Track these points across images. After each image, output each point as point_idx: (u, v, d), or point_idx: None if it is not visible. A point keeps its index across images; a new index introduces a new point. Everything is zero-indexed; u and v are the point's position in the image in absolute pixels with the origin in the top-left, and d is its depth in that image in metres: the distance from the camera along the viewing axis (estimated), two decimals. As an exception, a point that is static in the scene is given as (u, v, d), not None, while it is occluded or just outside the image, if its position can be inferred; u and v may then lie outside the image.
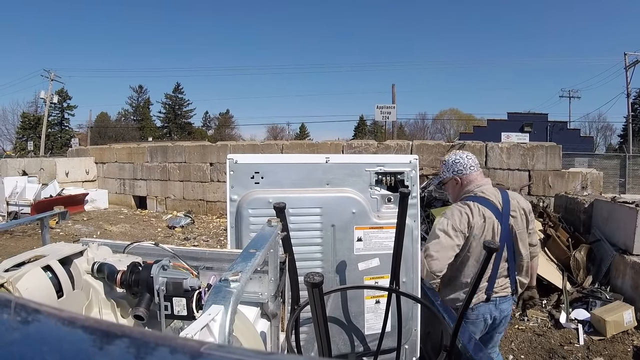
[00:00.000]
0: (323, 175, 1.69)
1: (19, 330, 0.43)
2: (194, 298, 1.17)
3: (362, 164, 1.72)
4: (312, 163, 1.70)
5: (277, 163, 1.69)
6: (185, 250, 1.75)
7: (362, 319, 1.75)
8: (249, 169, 1.65)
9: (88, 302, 1.35)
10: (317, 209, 1.66)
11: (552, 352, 3.43)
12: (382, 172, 1.72)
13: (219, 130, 52.71)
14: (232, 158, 1.66)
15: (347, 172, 1.70)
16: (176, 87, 51.59)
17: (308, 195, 1.66)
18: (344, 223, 1.67)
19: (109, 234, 7.87)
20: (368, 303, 1.74)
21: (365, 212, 1.69)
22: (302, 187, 1.67)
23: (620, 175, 17.26)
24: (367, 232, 1.69)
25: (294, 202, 1.60)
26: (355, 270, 1.71)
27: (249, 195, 1.63)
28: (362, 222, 1.69)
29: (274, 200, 1.55)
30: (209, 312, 0.70)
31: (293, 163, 1.71)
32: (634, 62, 25.25)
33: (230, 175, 1.65)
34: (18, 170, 11.84)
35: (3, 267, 1.25)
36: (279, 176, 1.66)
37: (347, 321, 1.75)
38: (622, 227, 4.47)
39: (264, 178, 1.65)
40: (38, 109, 42.20)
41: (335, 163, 1.70)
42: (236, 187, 1.65)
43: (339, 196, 1.68)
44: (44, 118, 34.34)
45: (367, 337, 1.76)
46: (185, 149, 10.57)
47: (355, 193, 1.70)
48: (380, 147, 8.65)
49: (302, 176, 1.67)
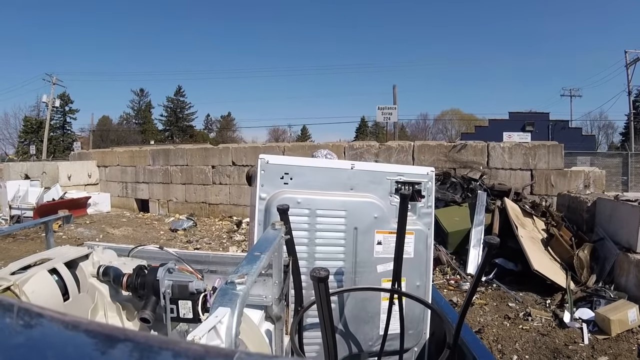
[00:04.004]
0: (347, 181, 1.77)
1: (23, 334, 0.43)
2: (200, 301, 1.17)
3: (384, 172, 1.81)
4: (338, 168, 1.79)
5: (306, 166, 1.76)
6: (189, 253, 1.76)
7: (377, 319, 1.82)
8: (279, 169, 1.72)
9: (94, 305, 1.36)
10: (343, 211, 1.73)
11: (557, 351, 3.42)
12: (401, 182, 1.80)
13: (220, 132, 52.75)
14: (264, 158, 1.72)
15: (370, 179, 1.79)
16: (177, 90, 51.70)
17: (334, 198, 1.74)
18: (366, 226, 1.74)
19: (111, 237, 7.88)
20: (384, 305, 1.79)
21: (386, 217, 1.76)
22: (328, 190, 1.75)
23: (623, 173, 17.22)
24: (387, 237, 1.76)
25: (321, 204, 1.70)
26: (373, 272, 1.77)
27: (279, 194, 1.69)
28: (382, 226, 1.76)
29: (303, 201, 1.66)
30: (216, 315, 0.70)
31: (321, 167, 1.78)
32: (634, 59, 25.19)
33: (261, 174, 1.70)
34: (20, 174, 11.88)
35: (9, 270, 1.27)
36: (307, 178, 1.73)
37: (363, 322, 1.80)
38: (625, 226, 4.46)
39: (292, 179, 1.72)
40: (40, 113, 42.38)
41: (359, 170, 1.78)
42: (266, 185, 1.71)
43: (362, 201, 1.75)
44: (46, 122, 34.48)
45: (381, 337, 1.81)
46: (187, 151, 10.58)
47: (376, 199, 1.77)
48: (381, 148, 8.64)
49: (328, 180, 1.75)
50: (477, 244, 5.46)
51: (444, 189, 6.67)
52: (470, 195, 6.32)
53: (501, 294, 4.63)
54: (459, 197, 6.38)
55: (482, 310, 4.26)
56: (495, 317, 4.09)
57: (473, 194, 6.24)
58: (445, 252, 5.57)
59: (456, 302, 4.38)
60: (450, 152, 8.17)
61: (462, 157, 8.08)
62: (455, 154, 8.14)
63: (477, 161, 7.96)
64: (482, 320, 4.03)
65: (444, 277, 5.24)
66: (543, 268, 4.59)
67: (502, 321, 4.01)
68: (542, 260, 4.76)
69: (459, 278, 5.12)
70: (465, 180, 6.84)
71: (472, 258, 5.37)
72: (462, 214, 5.95)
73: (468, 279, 5.02)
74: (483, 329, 3.84)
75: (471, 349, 1.51)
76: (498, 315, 4.14)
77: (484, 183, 6.69)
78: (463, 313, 1.44)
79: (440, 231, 5.80)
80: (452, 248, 5.71)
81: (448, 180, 6.92)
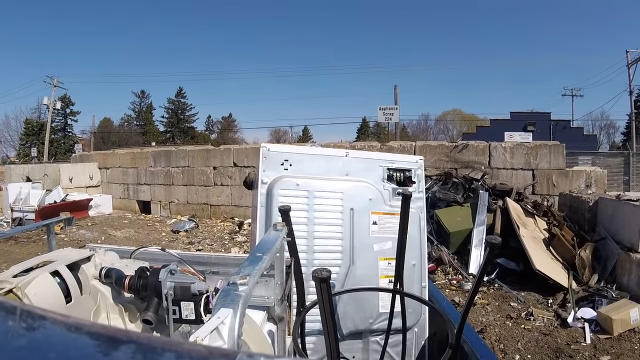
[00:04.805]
0: (343, 167, 1.90)
1: (26, 336, 0.43)
2: (202, 302, 1.17)
3: (376, 159, 1.95)
4: (334, 155, 1.91)
5: (304, 153, 1.89)
6: (191, 255, 1.77)
7: (376, 298, 1.90)
8: (279, 156, 1.84)
9: (96, 307, 1.36)
10: (339, 193, 1.85)
11: (559, 351, 3.42)
12: (392, 168, 1.95)
13: (221, 134, 52.83)
14: (265, 146, 1.86)
15: (364, 166, 1.93)
16: (179, 92, 51.82)
17: (331, 182, 1.86)
18: (361, 207, 1.87)
19: (113, 239, 7.88)
20: (382, 282, 1.90)
21: (381, 199, 1.90)
22: (325, 176, 1.87)
23: (624, 173, 17.17)
24: (381, 217, 1.89)
25: (319, 186, 1.83)
26: (370, 250, 1.88)
27: (280, 178, 1.81)
28: (377, 208, 1.89)
29: (302, 184, 1.79)
30: (218, 315, 0.70)
31: (318, 154, 1.91)
32: (636, 59, 25.14)
33: (262, 160, 1.84)
34: (22, 176, 11.90)
35: (12, 272, 1.27)
36: (305, 165, 1.86)
37: (362, 300, 1.88)
38: (627, 225, 4.45)
39: (292, 165, 1.85)
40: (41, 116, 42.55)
41: (354, 157, 1.93)
42: (267, 170, 1.84)
43: (357, 184, 1.89)
44: (47, 124, 34.57)
45: (381, 315, 1.89)
46: (189, 153, 10.59)
47: (371, 183, 1.91)
48: (383, 149, 8.63)
49: (325, 166, 1.89)
50: (479, 244, 5.45)
51: (446, 189, 6.66)
52: (472, 195, 6.31)
53: (503, 293, 4.62)
54: (460, 197, 6.37)
55: (484, 310, 4.25)
56: (497, 317, 4.09)
57: (475, 194, 6.23)
58: (447, 252, 5.56)
59: (458, 302, 4.37)
60: (451, 152, 8.17)
61: (463, 157, 8.08)
62: (456, 154, 8.13)
63: (478, 161, 7.95)
64: (484, 320, 4.02)
65: (446, 277, 5.23)
66: (545, 268, 4.58)
67: (504, 321, 4.00)
68: (544, 260, 4.75)
69: (461, 278, 5.11)
70: (467, 180, 6.82)
71: (474, 258, 5.36)
72: (463, 214, 5.94)
73: (470, 279, 5.01)
74: (485, 329, 3.83)
75: (473, 349, 1.51)
76: (500, 315, 4.13)
77: (485, 183, 6.68)
78: (465, 313, 1.44)
79: (442, 231, 5.79)
80: (454, 248, 5.70)
81: (450, 181, 6.90)
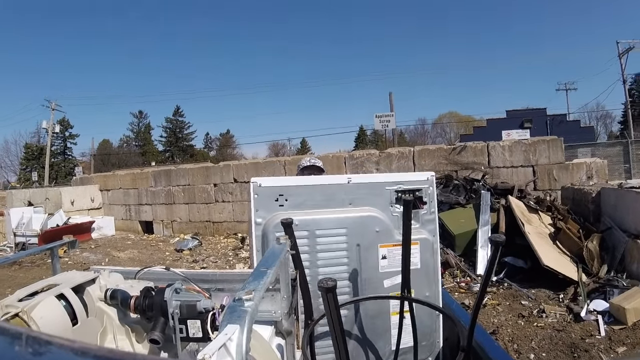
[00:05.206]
0: (345, 196, 1.70)
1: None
2: (209, 319, 1.16)
3: (383, 182, 1.74)
4: (334, 184, 1.72)
5: (300, 185, 1.69)
6: (196, 273, 1.75)
7: (388, 335, 1.75)
8: (272, 192, 1.65)
9: (102, 329, 1.35)
10: (343, 229, 1.66)
11: (574, 346, 3.37)
12: (401, 190, 1.73)
13: (220, 150, 53.04)
14: (256, 181, 1.65)
15: (368, 192, 1.72)
16: (176, 110, 52.17)
17: (333, 216, 1.67)
18: (368, 242, 1.68)
19: (117, 260, 7.86)
20: (394, 319, 1.74)
21: (389, 230, 1.71)
22: (326, 208, 1.68)
23: (625, 161, 17.18)
24: (391, 250, 1.71)
25: (320, 223, 1.64)
26: (380, 288, 1.71)
27: (275, 218, 1.62)
28: (385, 240, 1.70)
29: (300, 222, 1.56)
30: (225, 332, 0.69)
31: (316, 185, 1.72)
32: (627, 49, 25.32)
33: (254, 198, 1.64)
34: (23, 201, 11.92)
35: (17, 296, 1.26)
36: (303, 198, 1.67)
37: (374, 337, 1.74)
38: (631, 212, 4.44)
39: (287, 200, 1.65)
40: (40, 139, 42.81)
41: (357, 183, 1.72)
42: (260, 210, 1.64)
43: (362, 215, 1.69)
44: (46, 148, 34.72)
45: (394, 353, 1.75)
46: (189, 171, 10.61)
47: (377, 212, 1.71)
48: (382, 156, 8.64)
49: (325, 197, 1.69)
50: (485, 244, 5.43)
51: (447, 191, 6.65)
52: (474, 196, 6.30)
53: (513, 292, 4.58)
54: (462, 198, 6.36)
55: (495, 311, 4.21)
56: (509, 317, 4.04)
57: (477, 194, 6.22)
58: (453, 255, 5.53)
59: (468, 305, 4.33)
60: (450, 154, 8.17)
61: (462, 158, 8.08)
62: (455, 156, 8.14)
63: (478, 162, 7.95)
64: (496, 321, 3.98)
65: (454, 280, 5.19)
66: (553, 263, 4.54)
67: (516, 320, 3.96)
68: (552, 255, 4.72)
69: (469, 280, 5.08)
70: (468, 181, 6.82)
71: (481, 258, 5.33)
72: (467, 215, 5.93)
73: (478, 280, 4.97)
74: (498, 330, 3.79)
75: (486, 351, 1.49)
76: (512, 314, 4.09)
77: (486, 183, 6.67)
78: (475, 313, 1.42)
79: (446, 234, 5.77)
80: (459, 250, 5.67)
81: (450, 183, 6.90)
